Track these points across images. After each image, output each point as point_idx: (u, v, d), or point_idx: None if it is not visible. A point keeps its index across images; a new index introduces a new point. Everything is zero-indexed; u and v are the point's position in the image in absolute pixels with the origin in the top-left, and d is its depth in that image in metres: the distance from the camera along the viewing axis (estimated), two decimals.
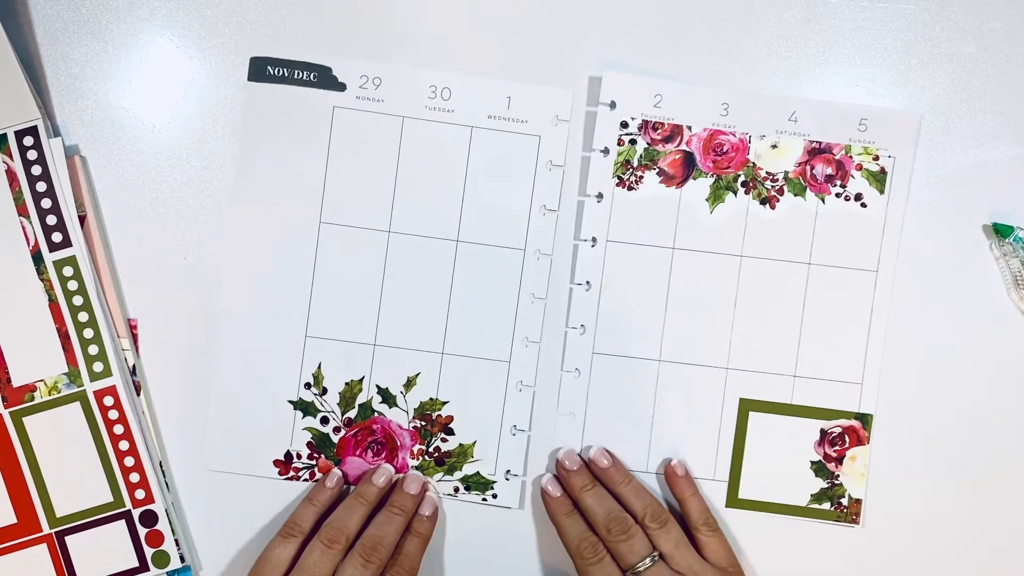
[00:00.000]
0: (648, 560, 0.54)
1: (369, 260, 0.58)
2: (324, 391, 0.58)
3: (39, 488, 0.56)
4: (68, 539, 0.56)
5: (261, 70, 0.58)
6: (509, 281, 0.59)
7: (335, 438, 0.58)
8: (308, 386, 0.58)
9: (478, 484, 0.59)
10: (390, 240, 0.58)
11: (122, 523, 0.56)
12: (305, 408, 0.58)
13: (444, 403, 0.58)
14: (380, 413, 0.58)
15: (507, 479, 0.59)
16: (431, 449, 0.58)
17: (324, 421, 0.58)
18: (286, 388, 0.58)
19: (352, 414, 0.58)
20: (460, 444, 0.59)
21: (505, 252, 0.59)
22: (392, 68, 0.58)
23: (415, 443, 0.58)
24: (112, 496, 0.56)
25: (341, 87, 0.58)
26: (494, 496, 0.59)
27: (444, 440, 0.58)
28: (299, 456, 0.58)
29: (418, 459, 0.58)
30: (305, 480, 0.58)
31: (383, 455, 0.58)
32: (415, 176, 0.58)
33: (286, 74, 0.58)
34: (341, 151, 0.58)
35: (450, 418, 0.58)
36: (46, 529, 0.56)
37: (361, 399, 0.58)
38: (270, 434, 0.58)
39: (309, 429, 0.58)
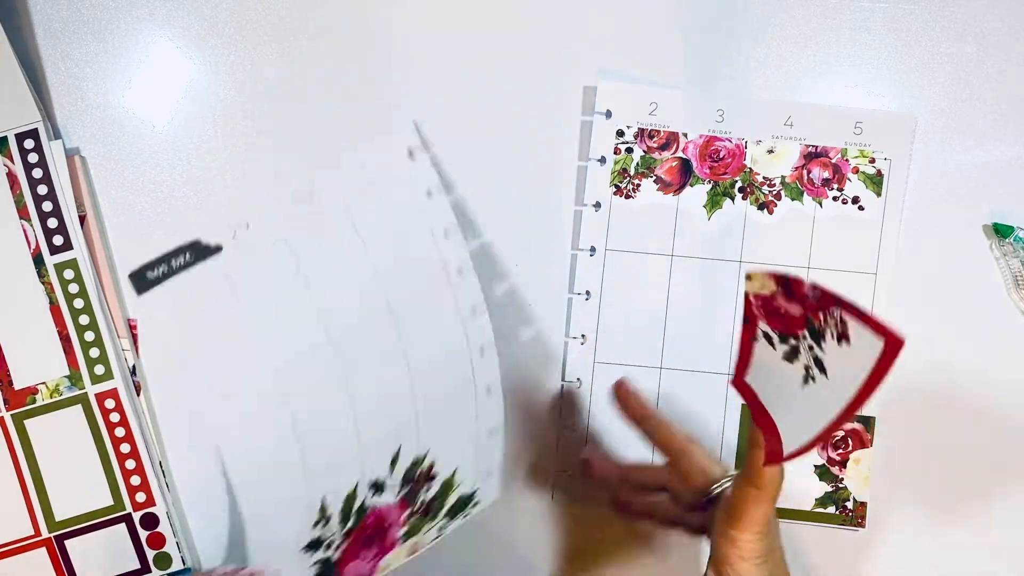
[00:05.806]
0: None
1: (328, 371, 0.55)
2: (328, 520, 0.55)
3: (39, 491, 0.56)
4: (68, 543, 0.56)
5: (143, 280, 0.54)
6: (440, 301, 0.56)
7: (336, 556, 0.55)
8: (316, 524, 0.55)
9: (461, 505, 0.57)
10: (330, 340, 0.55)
11: (123, 526, 0.56)
12: (316, 545, 0.55)
13: (425, 455, 0.56)
14: (373, 507, 0.55)
15: (486, 478, 0.57)
16: (417, 507, 0.56)
17: (328, 547, 0.55)
18: (298, 539, 0.55)
19: (351, 524, 0.55)
20: (443, 482, 0.56)
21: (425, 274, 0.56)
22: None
23: (403, 511, 0.56)
24: (113, 499, 0.56)
25: (217, 249, 0.55)
26: (475, 505, 0.57)
27: (428, 489, 0.56)
28: None
29: (406, 526, 0.56)
30: None
31: (374, 544, 0.55)
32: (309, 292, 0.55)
33: (165, 270, 0.54)
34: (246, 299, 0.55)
35: (431, 464, 0.56)
36: (45, 533, 0.56)
37: (356, 504, 0.55)
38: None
39: (317, 563, 0.54)
